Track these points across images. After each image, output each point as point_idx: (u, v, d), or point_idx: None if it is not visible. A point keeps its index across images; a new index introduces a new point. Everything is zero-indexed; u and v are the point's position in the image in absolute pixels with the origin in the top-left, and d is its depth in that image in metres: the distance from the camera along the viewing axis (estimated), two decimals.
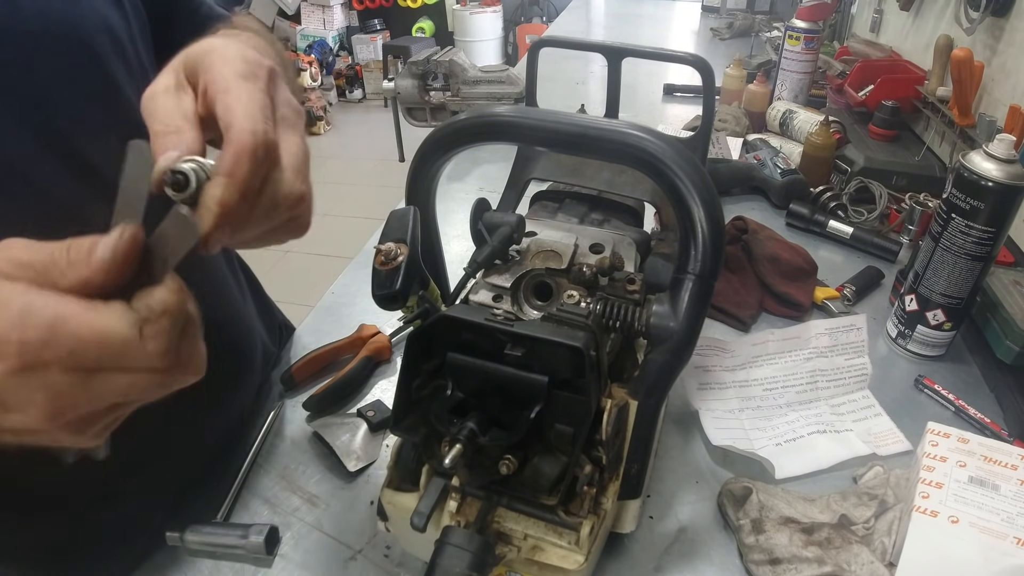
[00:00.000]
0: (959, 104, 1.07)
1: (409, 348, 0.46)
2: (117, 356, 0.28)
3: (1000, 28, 1.07)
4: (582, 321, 0.48)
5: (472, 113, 0.51)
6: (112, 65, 0.51)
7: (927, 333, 0.79)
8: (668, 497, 0.63)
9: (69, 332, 0.27)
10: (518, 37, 4.74)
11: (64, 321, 0.27)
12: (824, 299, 0.88)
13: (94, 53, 0.50)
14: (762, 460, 0.63)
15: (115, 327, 0.27)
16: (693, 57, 0.79)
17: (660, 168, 0.45)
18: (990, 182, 0.67)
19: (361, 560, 0.58)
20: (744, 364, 0.74)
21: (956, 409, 0.72)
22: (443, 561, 0.42)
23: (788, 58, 1.43)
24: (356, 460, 0.66)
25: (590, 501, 0.47)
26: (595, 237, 0.59)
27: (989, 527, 0.50)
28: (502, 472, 0.43)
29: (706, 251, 0.47)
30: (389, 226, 0.52)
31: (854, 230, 1.02)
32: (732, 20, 2.43)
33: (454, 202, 1.15)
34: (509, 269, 0.57)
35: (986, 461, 0.55)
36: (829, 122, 1.20)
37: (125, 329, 0.28)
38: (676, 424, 0.71)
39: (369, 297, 0.50)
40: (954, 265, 0.73)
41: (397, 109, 3.31)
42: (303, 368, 0.77)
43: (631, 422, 0.51)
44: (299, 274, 2.99)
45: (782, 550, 0.53)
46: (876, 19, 1.72)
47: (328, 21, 4.98)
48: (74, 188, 0.48)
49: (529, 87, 0.90)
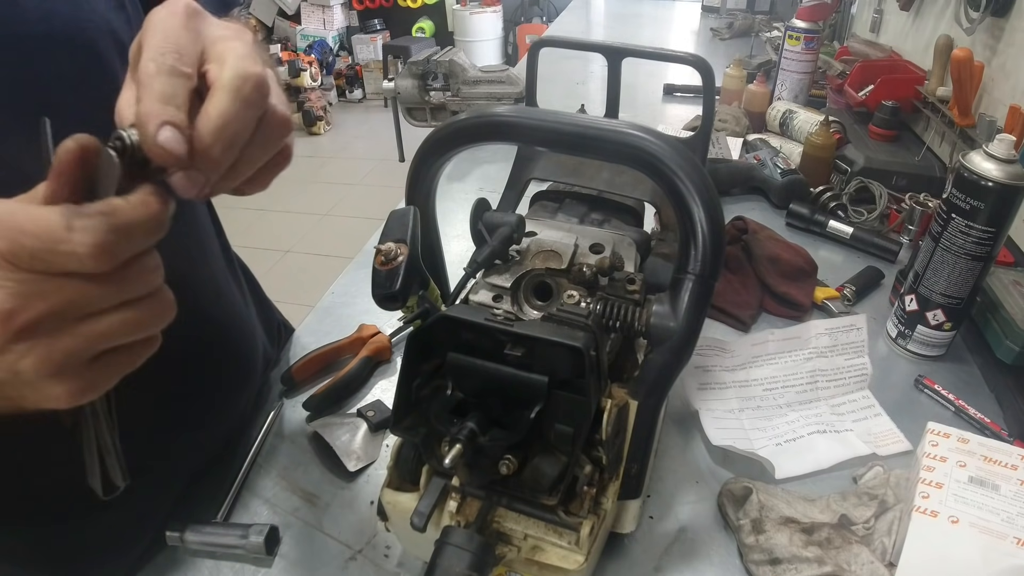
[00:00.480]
0: (959, 104, 1.07)
1: (409, 348, 0.46)
2: (47, 247, 0.28)
3: (1000, 28, 1.07)
4: (582, 321, 0.48)
5: (472, 113, 0.51)
6: (117, 69, 0.51)
7: (927, 333, 0.79)
8: (668, 497, 0.63)
9: (13, 223, 0.28)
10: (518, 37, 4.74)
11: (11, 214, 0.29)
12: (824, 299, 0.89)
13: (100, 57, 0.50)
14: (762, 460, 0.63)
15: (48, 218, 0.29)
16: (693, 57, 0.79)
17: (660, 168, 0.45)
18: (990, 182, 0.67)
19: (361, 560, 0.58)
20: (744, 364, 0.74)
21: (956, 409, 0.72)
22: (443, 561, 0.42)
23: (788, 58, 1.43)
24: (356, 460, 0.66)
25: (590, 501, 0.47)
26: (595, 237, 0.59)
27: (989, 527, 0.50)
28: (502, 472, 0.43)
29: (706, 251, 0.47)
30: (389, 226, 0.52)
31: (854, 230, 1.02)
32: (732, 20, 2.43)
33: (454, 202, 1.15)
34: (509, 269, 0.57)
35: (986, 461, 0.55)
36: (829, 122, 1.20)
37: (55, 218, 0.29)
38: (676, 424, 0.71)
39: (369, 297, 0.50)
40: (954, 265, 0.73)
41: (397, 109, 3.31)
42: (303, 368, 0.77)
43: (631, 422, 0.51)
44: (299, 274, 2.99)
45: (782, 550, 0.53)
46: (876, 19, 1.72)
47: (328, 21, 4.98)
48: None
49: (529, 87, 0.90)
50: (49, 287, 0.29)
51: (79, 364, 0.32)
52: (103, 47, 0.50)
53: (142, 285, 0.32)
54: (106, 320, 0.31)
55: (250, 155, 0.36)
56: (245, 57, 0.34)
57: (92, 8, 0.50)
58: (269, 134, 0.36)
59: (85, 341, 0.31)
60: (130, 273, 0.31)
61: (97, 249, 0.29)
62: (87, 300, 0.30)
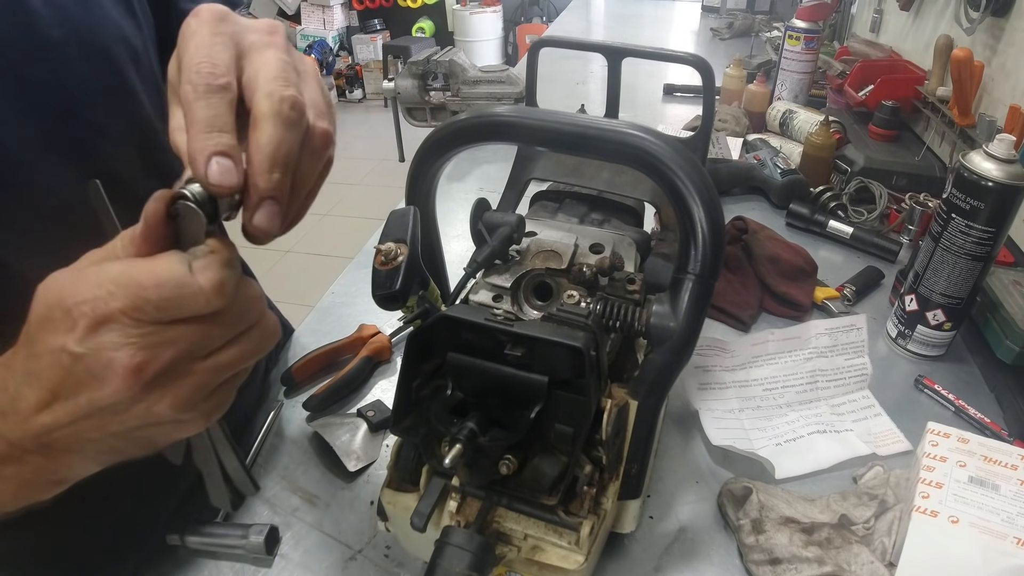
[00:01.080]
0: (959, 104, 1.07)
1: (409, 348, 0.46)
2: (175, 293, 0.30)
3: (1000, 28, 1.07)
4: (582, 321, 0.48)
5: (472, 113, 0.51)
6: (129, 74, 0.52)
7: (927, 333, 0.79)
8: (668, 497, 0.63)
9: (130, 279, 0.30)
10: (518, 37, 4.74)
11: (125, 273, 0.30)
12: (824, 299, 0.89)
13: (113, 63, 0.50)
14: (762, 460, 0.63)
15: (169, 266, 0.31)
16: (693, 57, 0.79)
17: (660, 168, 0.45)
18: (990, 182, 0.67)
19: (361, 560, 0.58)
20: (744, 364, 0.74)
21: (956, 409, 0.72)
22: (443, 561, 0.42)
23: (788, 58, 1.43)
24: (356, 460, 0.66)
25: (590, 501, 0.47)
26: (595, 237, 0.59)
27: (989, 527, 0.50)
28: (502, 472, 0.43)
29: (706, 251, 0.47)
30: (389, 226, 0.52)
31: (854, 230, 1.02)
32: (732, 20, 2.43)
33: (454, 202, 1.15)
34: (509, 269, 0.57)
35: (986, 461, 0.55)
36: (829, 122, 1.20)
37: (177, 265, 0.30)
38: (676, 424, 0.71)
39: (369, 297, 0.49)
40: (954, 265, 0.73)
41: (397, 109, 3.31)
42: (303, 368, 0.77)
43: (631, 422, 0.51)
44: (299, 274, 2.99)
45: (782, 550, 0.53)
46: (876, 19, 1.72)
47: (328, 21, 4.98)
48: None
49: (529, 87, 0.90)
50: (173, 334, 0.31)
51: (207, 395, 0.34)
52: (116, 52, 0.50)
53: (252, 314, 0.34)
54: (227, 353, 0.34)
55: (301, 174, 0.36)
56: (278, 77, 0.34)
57: (105, 14, 0.50)
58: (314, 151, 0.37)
59: (211, 375, 0.33)
60: (239, 306, 0.33)
61: (219, 286, 0.31)
62: (209, 338, 0.33)
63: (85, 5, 0.48)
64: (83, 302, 0.30)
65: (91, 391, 0.31)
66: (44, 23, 0.45)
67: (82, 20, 0.48)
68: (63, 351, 0.30)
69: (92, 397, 0.31)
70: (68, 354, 0.30)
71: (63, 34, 0.46)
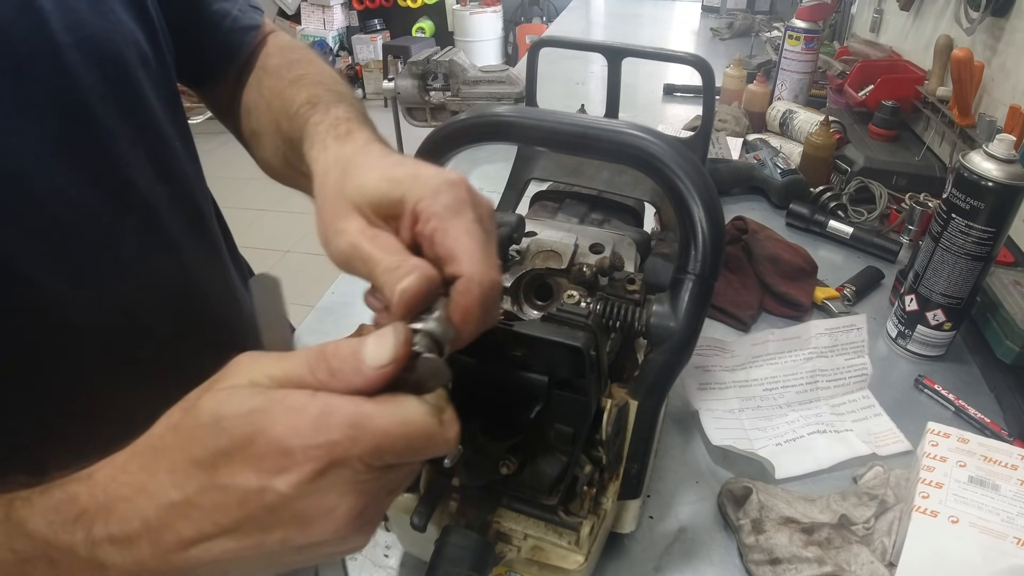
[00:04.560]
0: (959, 104, 1.07)
1: None
2: (422, 446, 0.29)
3: (1000, 28, 1.07)
4: (582, 321, 0.48)
5: (472, 113, 0.51)
6: (141, 79, 0.51)
7: (927, 333, 0.79)
8: (668, 497, 0.63)
9: (375, 427, 0.27)
10: (518, 37, 4.74)
11: (368, 417, 0.27)
12: (824, 299, 0.89)
13: (126, 67, 0.50)
14: (762, 460, 0.63)
15: (420, 418, 0.29)
16: (693, 57, 0.79)
17: (660, 168, 0.45)
18: (990, 182, 0.67)
19: (361, 560, 0.58)
20: (744, 364, 0.74)
21: (956, 409, 0.72)
22: (443, 561, 0.42)
23: (788, 58, 1.43)
24: None
25: (590, 501, 0.47)
26: (595, 237, 0.59)
27: (989, 527, 0.50)
28: (502, 472, 0.43)
29: (706, 251, 0.47)
30: None
31: (854, 230, 1.02)
32: (732, 20, 2.43)
33: None
34: (509, 269, 0.57)
35: (986, 461, 0.55)
36: (829, 122, 1.20)
37: (428, 418, 0.29)
38: (676, 424, 0.71)
39: None
40: (954, 265, 0.73)
41: (397, 109, 3.31)
42: None
43: (631, 422, 0.51)
44: (299, 274, 2.99)
45: (782, 550, 0.53)
46: (876, 19, 1.72)
47: (328, 21, 4.98)
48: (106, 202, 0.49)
49: (529, 87, 0.90)
50: (394, 476, 0.30)
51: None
52: (128, 57, 0.50)
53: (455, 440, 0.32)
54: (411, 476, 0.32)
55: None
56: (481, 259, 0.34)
57: (117, 19, 0.50)
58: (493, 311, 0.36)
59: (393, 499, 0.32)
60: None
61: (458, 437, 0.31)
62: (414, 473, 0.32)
63: (97, 9, 0.48)
64: (315, 446, 0.27)
65: (290, 531, 0.28)
66: (55, 27, 0.44)
67: (93, 24, 0.47)
68: (266, 491, 0.27)
69: (289, 537, 0.28)
70: (274, 494, 0.27)
71: (74, 38, 0.46)
